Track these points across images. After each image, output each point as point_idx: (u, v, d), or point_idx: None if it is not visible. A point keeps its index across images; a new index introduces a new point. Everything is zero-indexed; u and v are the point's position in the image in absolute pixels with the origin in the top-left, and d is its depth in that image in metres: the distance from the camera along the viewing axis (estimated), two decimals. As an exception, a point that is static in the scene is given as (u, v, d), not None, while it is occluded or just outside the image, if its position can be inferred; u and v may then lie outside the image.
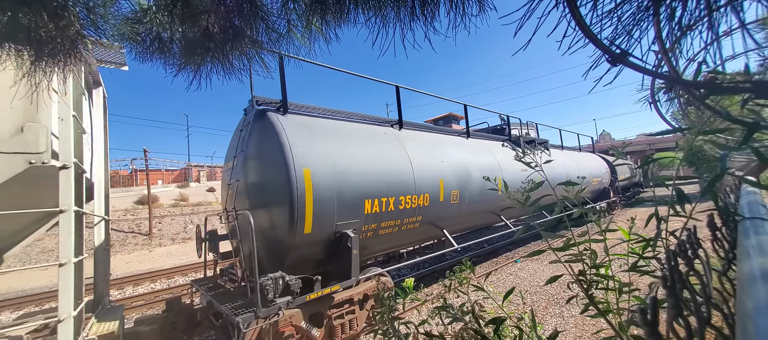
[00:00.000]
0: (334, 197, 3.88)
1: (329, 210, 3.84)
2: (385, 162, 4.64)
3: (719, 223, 1.08)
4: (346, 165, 4.12)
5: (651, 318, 0.39)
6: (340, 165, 4.05)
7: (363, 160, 4.39)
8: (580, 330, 3.98)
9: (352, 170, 4.16)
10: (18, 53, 1.22)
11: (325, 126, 4.48)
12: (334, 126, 4.62)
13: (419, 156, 5.15)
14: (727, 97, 1.41)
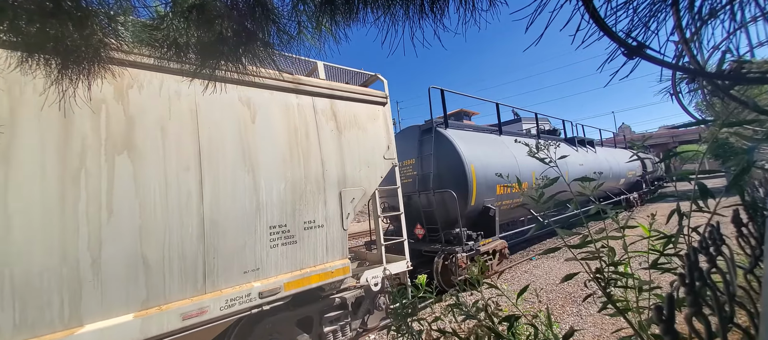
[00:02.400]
0: (483, 182, 6.14)
1: (481, 190, 6.14)
2: (503, 158, 6.89)
3: (746, 218, 1.04)
4: (487, 161, 6.44)
5: (666, 315, 0.39)
6: (484, 161, 6.37)
7: (492, 158, 6.67)
8: (599, 329, 3.89)
9: (490, 164, 6.43)
10: (46, 62, 1.29)
11: (468, 134, 6.95)
12: (472, 134, 7.12)
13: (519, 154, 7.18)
14: (754, 87, 1.34)
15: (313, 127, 3.67)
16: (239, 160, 3.09)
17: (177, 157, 2.76)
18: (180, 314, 2.58)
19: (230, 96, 3.14)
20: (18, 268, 2.09)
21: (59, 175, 2.28)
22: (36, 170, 2.21)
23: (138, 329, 2.40)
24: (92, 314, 2.30)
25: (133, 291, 2.46)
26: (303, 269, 3.33)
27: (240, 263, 2.96)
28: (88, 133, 2.41)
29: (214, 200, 2.89)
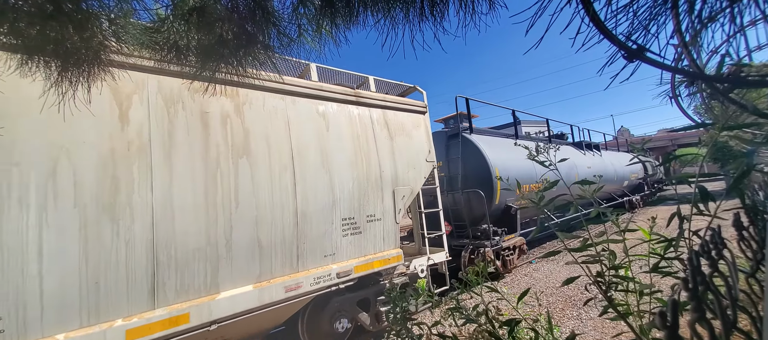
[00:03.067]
0: (506, 183, 6.36)
1: (504, 190, 6.53)
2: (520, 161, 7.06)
3: (746, 222, 1.04)
4: (509, 164, 6.88)
5: (671, 321, 0.38)
6: (506, 163, 6.81)
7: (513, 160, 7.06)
8: (600, 333, 3.87)
9: (511, 166, 6.85)
10: (46, 65, 1.29)
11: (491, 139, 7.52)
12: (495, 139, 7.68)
13: None
14: (753, 91, 1.35)
15: (371, 134, 4.28)
16: (319, 162, 3.69)
17: (278, 161, 3.36)
18: (283, 287, 3.17)
19: (310, 109, 3.75)
20: (180, 248, 2.69)
21: (203, 176, 2.89)
22: (189, 173, 2.82)
23: (256, 298, 2.99)
24: (226, 283, 2.88)
25: (252, 267, 3.05)
26: (366, 256, 3.91)
27: (321, 248, 3.54)
28: (220, 142, 3.02)
29: (304, 195, 3.48)
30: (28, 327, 2.14)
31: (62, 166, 2.34)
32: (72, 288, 2.29)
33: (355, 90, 4.30)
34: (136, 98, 2.69)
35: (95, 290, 2.37)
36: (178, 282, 2.67)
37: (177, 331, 2.58)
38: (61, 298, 2.25)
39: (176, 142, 2.80)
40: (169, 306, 2.60)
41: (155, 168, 2.67)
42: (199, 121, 2.96)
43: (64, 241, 2.28)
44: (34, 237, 2.20)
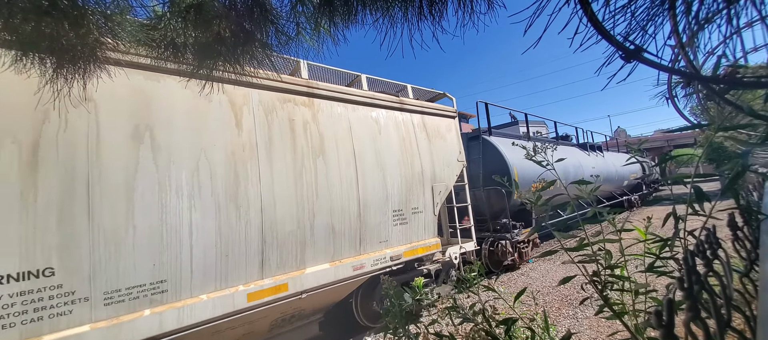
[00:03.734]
0: (522, 182, 7.02)
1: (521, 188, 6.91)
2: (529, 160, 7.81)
3: (741, 222, 1.05)
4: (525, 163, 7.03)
5: (666, 320, 0.39)
6: (523, 163, 7.00)
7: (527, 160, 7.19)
8: (595, 332, 3.90)
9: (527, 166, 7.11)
10: (41, 61, 1.28)
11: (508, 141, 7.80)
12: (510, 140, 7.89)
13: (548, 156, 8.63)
14: (748, 92, 1.36)
15: (413, 137, 4.89)
16: (374, 161, 4.29)
17: (344, 160, 3.95)
18: (351, 266, 3.77)
19: (366, 115, 4.37)
20: (279, 231, 3.29)
21: (293, 172, 3.50)
22: (283, 170, 3.42)
23: (333, 274, 3.61)
24: (310, 261, 3.49)
25: (328, 249, 3.65)
26: (412, 243, 4.53)
27: (377, 235, 4.15)
28: (303, 145, 3.64)
29: (364, 189, 4.07)
30: (182, 289, 2.71)
31: (202, 164, 2.94)
32: (210, 259, 2.87)
33: (399, 98, 4.96)
34: (245, 109, 3.29)
35: (225, 261, 2.95)
36: (278, 258, 3.29)
37: (279, 297, 3.21)
38: (203, 266, 2.83)
39: (274, 144, 3.42)
40: (273, 277, 3.22)
41: (261, 166, 3.28)
42: (288, 127, 3.58)
43: (205, 222, 2.87)
44: (186, 218, 2.78)
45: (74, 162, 2.40)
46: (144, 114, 2.72)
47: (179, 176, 2.78)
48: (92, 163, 2.46)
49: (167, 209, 2.68)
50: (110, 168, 2.52)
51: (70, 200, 2.36)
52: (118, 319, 2.42)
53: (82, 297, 2.33)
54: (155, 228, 2.63)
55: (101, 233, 2.42)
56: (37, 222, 2.24)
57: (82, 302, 2.32)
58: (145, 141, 2.69)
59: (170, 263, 2.65)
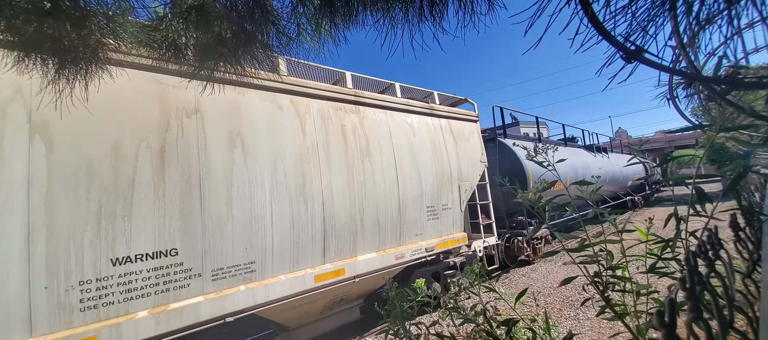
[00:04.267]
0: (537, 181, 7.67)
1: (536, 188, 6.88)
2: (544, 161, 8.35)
3: (743, 223, 1.04)
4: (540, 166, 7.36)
5: (668, 320, 0.38)
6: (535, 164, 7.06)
7: None
8: (597, 333, 3.88)
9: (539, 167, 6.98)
10: (43, 62, 1.28)
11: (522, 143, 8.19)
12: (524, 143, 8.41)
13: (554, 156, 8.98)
14: (750, 92, 1.35)
15: (442, 140, 5.39)
16: (410, 161, 4.79)
17: (385, 161, 4.46)
18: (394, 255, 4.33)
19: (402, 119, 4.91)
20: (336, 223, 3.81)
21: (346, 171, 4.01)
22: (338, 169, 3.94)
23: (379, 262, 4.14)
24: (360, 250, 4.03)
25: (374, 240, 4.18)
26: (442, 236, 5.06)
27: (414, 229, 4.67)
28: (353, 147, 4.15)
29: (403, 187, 4.57)
30: (265, 269, 3.24)
31: (278, 164, 3.47)
32: (285, 245, 3.40)
33: (428, 104, 5.51)
34: (307, 117, 3.83)
35: (297, 247, 3.48)
36: (336, 246, 3.81)
37: (337, 280, 3.72)
38: (280, 251, 3.36)
39: (330, 147, 3.94)
40: (333, 262, 3.74)
41: (321, 166, 3.81)
42: (340, 132, 4.08)
43: (282, 213, 3.41)
44: (268, 210, 3.30)
45: (189, 162, 2.93)
46: (236, 123, 3.27)
47: (262, 174, 3.35)
48: (202, 163, 3.00)
49: (254, 202, 3.25)
50: (214, 167, 3.06)
51: (188, 193, 2.88)
52: (222, 292, 2.95)
53: (197, 273, 2.85)
54: (247, 218, 3.18)
55: (210, 221, 2.96)
56: (166, 211, 2.75)
57: (196, 278, 2.85)
58: (238, 145, 3.24)
59: (257, 248, 3.22)
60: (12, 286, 2.16)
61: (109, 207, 2.53)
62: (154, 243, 2.66)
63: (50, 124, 2.40)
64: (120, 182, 2.59)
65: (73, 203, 2.41)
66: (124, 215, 2.58)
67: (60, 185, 2.38)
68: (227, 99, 3.23)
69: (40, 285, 2.24)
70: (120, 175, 2.60)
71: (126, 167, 2.63)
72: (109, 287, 2.47)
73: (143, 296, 2.59)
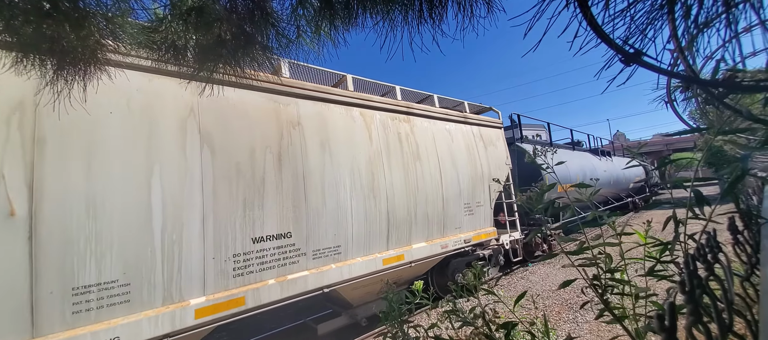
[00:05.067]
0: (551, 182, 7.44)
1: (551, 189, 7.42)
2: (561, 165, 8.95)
3: (741, 226, 1.04)
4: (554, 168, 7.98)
5: (669, 324, 0.38)
6: None
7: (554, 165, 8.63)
8: (595, 336, 3.88)
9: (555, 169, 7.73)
10: (42, 63, 1.28)
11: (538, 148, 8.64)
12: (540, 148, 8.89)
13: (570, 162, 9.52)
14: (747, 96, 1.36)
15: (474, 145, 6.17)
16: (450, 163, 5.54)
17: (431, 162, 5.21)
18: (439, 245, 5.04)
19: (442, 127, 5.66)
20: (396, 215, 4.55)
21: (403, 171, 4.77)
22: (397, 170, 4.69)
23: (428, 250, 4.87)
24: (413, 240, 4.74)
25: (424, 231, 4.90)
26: (476, 230, 5.80)
27: (454, 222, 5.39)
28: (407, 151, 4.92)
29: (445, 186, 5.31)
30: (348, 252, 3.99)
31: (354, 166, 4.20)
32: (361, 233, 4.14)
33: (462, 113, 6.28)
34: (372, 126, 4.58)
35: (369, 235, 4.22)
36: (396, 236, 4.53)
37: (399, 264, 4.47)
38: (358, 237, 4.10)
39: (390, 151, 4.69)
40: (395, 249, 4.48)
41: (384, 167, 4.53)
42: (397, 138, 4.85)
43: (358, 206, 4.14)
44: (348, 204, 4.06)
45: (296, 164, 3.69)
46: (324, 132, 4.03)
47: (343, 174, 4.10)
48: (304, 165, 3.77)
49: (340, 197, 3.99)
50: (312, 168, 3.83)
51: (296, 189, 3.65)
52: (319, 269, 3.70)
53: (303, 253, 3.61)
54: (335, 209, 3.93)
55: (311, 211, 3.72)
56: (283, 202, 3.52)
57: (303, 256, 3.61)
58: (327, 151, 4.00)
59: (342, 234, 3.95)
60: (194, 255, 2.90)
61: (250, 198, 3.29)
62: (276, 227, 3.44)
63: (213, 135, 3.15)
64: (256, 179, 3.36)
65: (228, 195, 3.16)
66: (259, 204, 3.34)
67: (220, 182, 3.13)
68: (317, 112, 4.05)
69: (210, 256, 2.99)
70: (255, 174, 3.37)
71: (258, 168, 3.40)
72: (250, 260, 3.23)
73: (271, 268, 3.36)
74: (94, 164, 2.54)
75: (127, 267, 2.57)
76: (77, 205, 2.44)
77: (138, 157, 2.73)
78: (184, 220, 2.86)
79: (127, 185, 2.65)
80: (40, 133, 2.37)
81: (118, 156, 2.64)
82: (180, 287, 2.80)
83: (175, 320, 2.72)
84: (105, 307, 2.47)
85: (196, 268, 2.89)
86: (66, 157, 2.45)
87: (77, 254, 2.40)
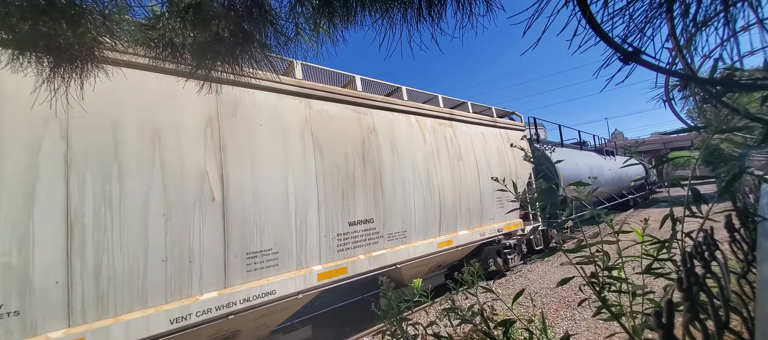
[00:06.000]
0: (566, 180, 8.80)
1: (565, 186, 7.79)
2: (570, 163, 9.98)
3: (738, 224, 1.05)
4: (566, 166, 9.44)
5: (666, 321, 0.39)
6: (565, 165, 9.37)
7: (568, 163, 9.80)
8: (593, 333, 3.90)
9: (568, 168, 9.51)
10: (38, 60, 1.27)
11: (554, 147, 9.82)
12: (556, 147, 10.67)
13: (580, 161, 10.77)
14: (745, 95, 1.37)
15: (503, 145, 7.03)
16: (485, 163, 6.42)
17: (470, 162, 6.11)
18: (479, 232, 5.95)
19: (477, 131, 6.55)
20: (446, 207, 5.39)
21: (450, 169, 5.64)
22: (445, 167, 5.55)
23: (470, 237, 5.74)
24: (459, 228, 5.64)
25: (467, 220, 5.81)
26: (507, 221, 6.70)
27: (489, 214, 6.32)
28: (452, 152, 5.80)
29: (481, 182, 6.16)
30: (411, 236, 4.87)
31: (414, 165, 5.09)
32: (420, 220, 5.03)
33: (493, 118, 7.24)
34: (426, 131, 5.48)
35: (425, 223, 5.09)
36: (446, 224, 5.40)
37: (448, 248, 5.33)
38: (418, 224, 5.00)
39: (439, 152, 5.55)
40: (445, 235, 5.36)
41: (436, 166, 5.41)
42: (444, 141, 5.71)
43: (417, 199, 5.01)
44: (411, 197, 4.94)
45: (374, 163, 4.56)
46: (391, 136, 4.90)
47: (407, 171, 4.96)
48: (381, 163, 4.65)
49: (405, 191, 4.87)
50: (385, 167, 4.71)
51: (375, 183, 4.51)
52: (393, 248, 4.56)
53: (382, 235, 4.48)
54: (402, 201, 4.81)
55: (385, 202, 4.57)
56: (367, 194, 4.38)
57: (381, 238, 4.48)
58: (394, 152, 4.86)
59: (407, 222, 4.83)
60: (313, 234, 3.78)
61: (346, 191, 4.17)
62: (363, 214, 4.31)
63: (321, 141, 4.03)
64: (349, 176, 4.24)
65: (332, 188, 4.04)
66: (352, 196, 4.22)
67: (327, 177, 4.02)
68: (387, 120, 4.93)
69: (323, 234, 3.87)
70: (348, 172, 4.25)
71: (350, 167, 4.27)
72: (347, 239, 4.12)
73: (361, 246, 4.24)
74: (255, 163, 3.42)
75: (276, 239, 3.47)
76: (247, 193, 3.32)
77: (279, 158, 3.63)
78: (307, 206, 3.77)
79: (274, 179, 3.55)
80: (223, 141, 3.23)
81: (267, 157, 3.53)
82: (306, 257, 3.70)
83: (306, 280, 3.62)
84: (265, 268, 3.36)
85: (315, 243, 3.79)
86: (239, 158, 3.31)
87: (249, 228, 3.28)
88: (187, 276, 2.86)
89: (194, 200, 2.96)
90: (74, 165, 2.46)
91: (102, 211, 2.52)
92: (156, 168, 2.81)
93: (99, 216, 2.51)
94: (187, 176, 2.96)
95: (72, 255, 2.38)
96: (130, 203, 2.65)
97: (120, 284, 2.55)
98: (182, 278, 2.83)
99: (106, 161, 2.60)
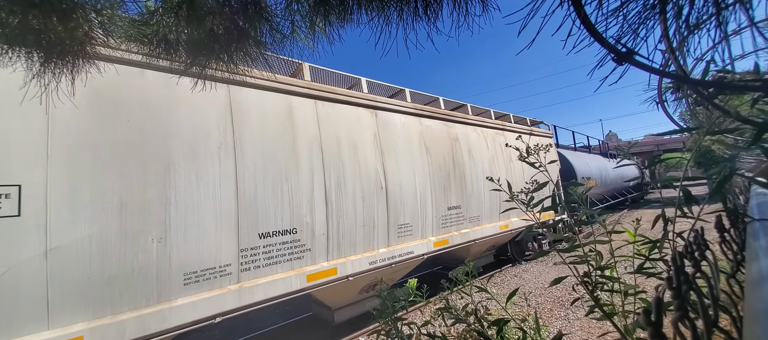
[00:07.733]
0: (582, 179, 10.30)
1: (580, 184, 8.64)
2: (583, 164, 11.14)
3: (728, 224, 1.06)
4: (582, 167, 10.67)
5: (655, 319, 0.39)
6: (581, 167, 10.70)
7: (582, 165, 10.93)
8: (586, 333, 3.94)
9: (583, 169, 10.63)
10: (28, 55, 1.25)
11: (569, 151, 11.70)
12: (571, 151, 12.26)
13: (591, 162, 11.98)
14: (736, 97, 1.38)
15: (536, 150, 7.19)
16: (503, 165, 7.24)
17: (517, 165, 7.40)
18: (497, 226, 6.62)
19: (490, 133, 7.25)
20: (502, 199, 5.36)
21: (505, 169, 7.23)
22: (502, 168, 7.16)
23: (519, 223, 6.76)
24: (484, 221, 6.42)
25: (494, 216, 6.62)
26: None
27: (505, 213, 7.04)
28: (504, 156, 7.30)
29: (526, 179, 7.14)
30: (482, 220, 6.41)
31: (482, 166, 6.60)
32: (486, 210, 6.46)
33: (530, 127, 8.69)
34: (488, 139, 6.96)
35: (490, 212, 6.57)
36: (469, 215, 6.12)
37: (506, 231, 6.68)
38: (486, 212, 6.47)
39: (497, 156, 6.97)
40: (503, 221, 6.67)
41: (495, 165, 6.87)
42: (500, 148, 7.04)
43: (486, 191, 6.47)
44: (482, 189, 6.46)
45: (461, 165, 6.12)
46: (467, 144, 6.39)
47: (478, 171, 6.44)
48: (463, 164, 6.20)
49: (478, 185, 6.41)
50: (466, 167, 6.25)
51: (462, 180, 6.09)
52: (472, 228, 6.06)
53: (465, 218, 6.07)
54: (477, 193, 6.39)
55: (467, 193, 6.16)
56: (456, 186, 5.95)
57: (465, 220, 6.03)
58: (471, 156, 6.37)
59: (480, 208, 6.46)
60: (430, 214, 5.30)
61: (445, 184, 5.68)
62: (455, 201, 5.80)
63: (429, 146, 5.61)
64: (445, 173, 5.74)
65: (438, 181, 5.56)
66: (448, 188, 5.71)
67: (435, 173, 5.55)
68: (463, 131, 6.40)
69: (434, 215, 5.37)
70: (444, 170, 5.73)
71: (446, 166, 5.77)
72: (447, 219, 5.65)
73: (454, 225, 5.72)
74: (399, 163, 4.99)
75: (412, 217, 5.00)
76: (396, 184, 4.85)
77: (409, 160, 5.13)
78: (425, 194, 5.25)
79: (408, 174, 5.06)
80: (382, 148, 4.89)
81: (403, 159, 5.06)
82: (426, 230, 5.18)
83: (427, 246, 5.10)
84: (406, 235, 4.90)
85: (430, 221, 5.26)
86: (390, 160, 4.91)
87: (398, 208, 4.83)
88: (373, 236, 4.50)
89: (374, 188, 4.57)
90: (325, 168, 4.13)
91: (337, 194, 4.18)
92: (357, 167, 4.46)
93: (337, 197, 4.18)
94: (370, 172, 4.59)
95: (329, 219, 4.04)
96: (348, 190, 4.30)
97: (346, 238, 4.20)
98: (371, 237, 4.47)
99: (337, 164, 4.26)
